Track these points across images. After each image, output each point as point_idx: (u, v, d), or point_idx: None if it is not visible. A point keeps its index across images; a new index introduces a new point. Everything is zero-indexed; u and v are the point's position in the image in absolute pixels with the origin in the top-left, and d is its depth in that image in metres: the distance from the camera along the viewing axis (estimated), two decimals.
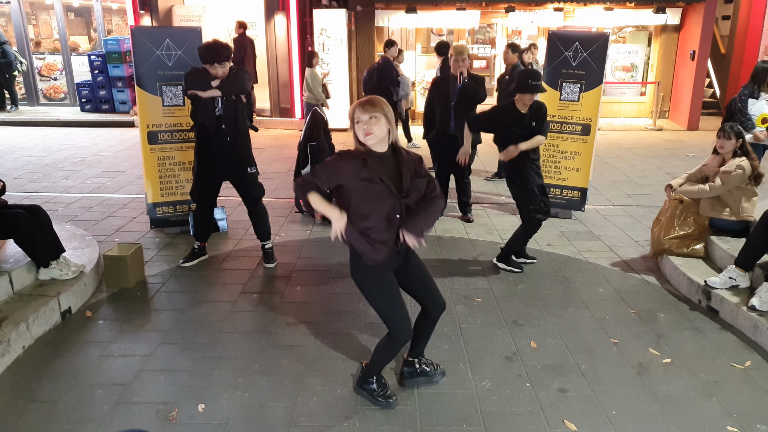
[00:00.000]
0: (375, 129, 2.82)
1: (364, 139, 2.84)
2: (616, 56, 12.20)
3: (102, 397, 3.27)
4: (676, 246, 4.86)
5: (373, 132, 2.82)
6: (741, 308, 3.99)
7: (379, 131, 2.83)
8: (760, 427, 3.03)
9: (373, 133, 2.82)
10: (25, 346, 3.74)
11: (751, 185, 4.69)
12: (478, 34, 12.94)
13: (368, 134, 2.82)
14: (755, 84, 6.71)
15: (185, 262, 5.07)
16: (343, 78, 11.31)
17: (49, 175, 8.04)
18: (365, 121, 2.81)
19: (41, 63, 13.21)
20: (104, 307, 4.36)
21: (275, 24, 11.70)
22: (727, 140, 4.74)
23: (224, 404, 3.21)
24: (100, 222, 6.15)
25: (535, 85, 4.58)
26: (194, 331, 4.00)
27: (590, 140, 6.16)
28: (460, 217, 6.38)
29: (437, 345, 3.80)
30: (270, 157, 9.13)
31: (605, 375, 3.49)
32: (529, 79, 4.57)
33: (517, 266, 5.00)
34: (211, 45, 4.50)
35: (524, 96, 4.62)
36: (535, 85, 4.59)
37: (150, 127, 5.52)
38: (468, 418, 3.10)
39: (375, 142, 2.86)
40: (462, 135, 5.85)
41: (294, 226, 6.07)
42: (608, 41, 5.99)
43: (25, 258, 4.27)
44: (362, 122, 2.82)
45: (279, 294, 4.57)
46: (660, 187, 7.51)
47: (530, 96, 4.64)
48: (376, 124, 2.82)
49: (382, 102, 2.86)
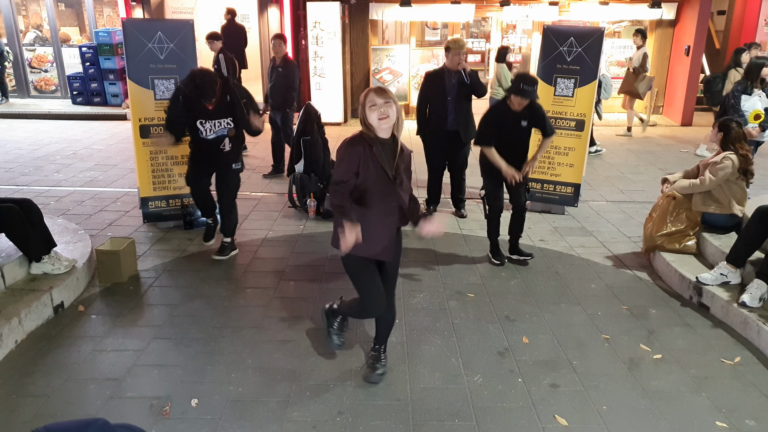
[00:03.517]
0: (390, 112, 2.95)
1: (378, 123, 2.96)
2: (610, 51, 12.20)
3: (95, 392, 3.27)
4: (668, 242, 4.89)
5: (389, 115, 2.95)
6: (732, 304, 4.02)
7: (393, 115, 2.96)
8: (748, 422, 3.06)
9: (388, 116, 2.95)
10: (17, 341, 3.73)
11: (740, 179, 4.71)
12: (472, 28, 12.93)
13: (383, 118, 2.95)
14: (748, 80, 6.74)
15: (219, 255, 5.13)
16: (336, 71, 11.27)
17: (41, 169, 8.00)
18: (380, 104, 2.94)
19: (32, 55, 13.10)
20: (97, 301, 4.35)
21: (268, 17, 11.65)
22: (715, 133, 4.81)
23: (217, 399, 3.21)
24: (93, 216, 6.12)
25: (525, 90, 4.54)
26: (187, 326, 4.00)
27: (584, 136, 6.17)
28: (453, 212, 6.39)
29: (429, 340, 3.82)
30: (263, 151, 9.10)
31: (596, 370, 3.51)
32: (521, 83, 4.56)
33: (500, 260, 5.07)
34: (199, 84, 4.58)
35: (516, 98, 4.63)
36: (526, 90, 4.54)
37: (142, 120, 5.50)
38: (460, 413, 3.12)
39: (387, 126, 2.98)
40: (463, 130, 5.92)
41: (287, 221, 6.07)
42: (603, 36, 5.99)
43: (17, 252, 4.25)
44: (378, 105, 2.94)
45: (272, 289, 4.57)
46: (653, 183, 7.55)
47: (520, 100, 4.62)
48: (390, 108, 2.95)
49: (390, 91, 3.02)
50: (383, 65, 11.88)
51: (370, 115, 2.95)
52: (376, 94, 2.95)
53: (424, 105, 6.11)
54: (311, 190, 6.16)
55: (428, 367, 3.53)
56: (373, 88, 3.02)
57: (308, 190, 6.17)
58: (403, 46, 12.02)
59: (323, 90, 11.35)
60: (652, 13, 11.66)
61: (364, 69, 11.97)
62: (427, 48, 12.31)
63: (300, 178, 6.22)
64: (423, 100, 6.13)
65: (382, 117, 2.93)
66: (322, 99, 11.15)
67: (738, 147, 4.69)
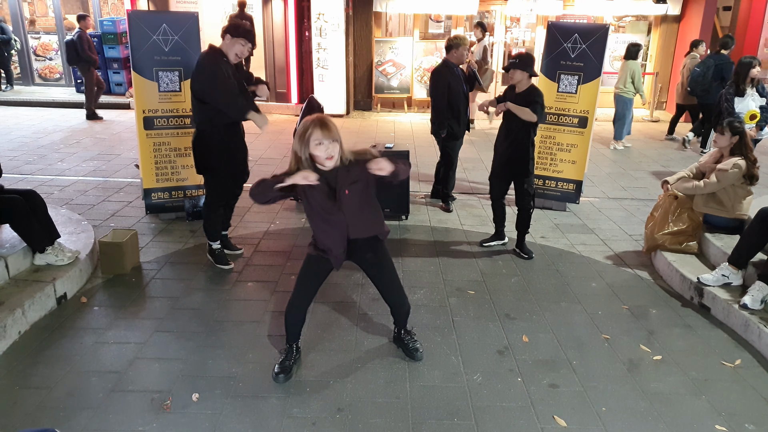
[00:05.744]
0: (335, 152, 2.98)
1: (325, 162, 2.99)
2: (614, 46, 12.14)
3: (97, 385, 3.29)
4: (669, 242, 4.89)
5: (334, 156, 2.98)
6: (733, 306, 4.03)
7: (337, 155, 2.99)
8: (748, 426, 3.07)
9: (334, 156, 2.98)
10: (21, 332, 3.75)
11: (745, 184, 4.70)
12: (476, 21, 12.87)
13: (330, 158, 2.98)
14: (738, 81, 6.73)
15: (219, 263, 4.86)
16: (339, 63, 11.25)
17: (45, 157, 8.01)
18: (327, 144, 2.95)
19: (36, 42, 13.08)
20: (99, 293, 4.37)
21: (272, 8, 11.60)
22: (721, 135, 4.77)
23: (218, 394, 3.23)
24: (96, 206, 6.13)
25: (510, 62, 4.89)
26: (189, 319, 4.02)
27: (587, 133, 6.16)
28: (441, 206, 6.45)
29: (429, 337, 3.83)
30: (265, 143, 9.10)
31: (596, 371, 3.52)
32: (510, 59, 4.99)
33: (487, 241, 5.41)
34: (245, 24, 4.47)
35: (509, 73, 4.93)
36: (510, 62, 4.89)
37: (146, 112, 5.49)
38: (459, 412, 3.13)
39: (332, 164, 3.01)
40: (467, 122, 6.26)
41: (289, 214, 6.07)
42: (608, 33, 5.96)
43: (21, 243, 4.26)
44: (324, 145, 2.94)
45: (273, 283, 4.58)
46: (655, 180, 7.55)
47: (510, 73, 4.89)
48: (335, 148, 2.98)
49: (334, 126, 3.00)
50: (386, 57, 11.85)
51: (316, 150, 2.94)
52: (321, 132, 2.92)
53: (443, 100, 5.91)
54: None
55: (428, 365, 3.55)
56: (316, 121, 2.94)
57: None
58: (406, 39, 11.98)
59: (326, 82, 11.34)
60: (657, 9, 11.61)
61: (367, 61, 11.94)
62: (430, 41, 12.25)
63: None
64: (441, 96, 5.91)
65: (329, 157, 2.96)
66: (325, 91, 11.15)
67: (749, 150, 4.70)
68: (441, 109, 5.95)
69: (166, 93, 5.48)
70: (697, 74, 8.97)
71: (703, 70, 8.90)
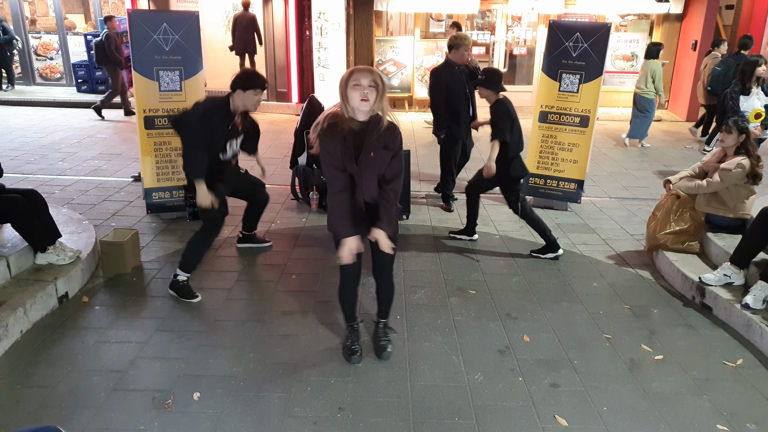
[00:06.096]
0: (371, 97, 2.87)
1: (358, 104, 2.89)
2: (616, 45, 12.13)
3: (98, 384, 3.29)
4: (671, 241, 4.88)
5: (369, 99, 2.87)
6: (735, 306, 4.02)
7: (372, 100, 2.88)
8: (749, 426, 3.07)
9: (369, 100, 2.87)
10: (22, 331, 3.75)
11: (748, 183, 4.69)
12: (477, 20, 12.86)
13: (364, 100, 2.87)
14: (744, 79, 6.72)
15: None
16: (340, 62, 11.23)
17: (46, 157, 8.01)
18: (364, 85, 2.86)
19: (37, 42, 13.09)
20: (101, 292, 4.37)
21: (273, 7, 11.60)
22: (728, 134, 4.75)
23: (219, 393, 3.23)
24: (97, 206, 6.14)
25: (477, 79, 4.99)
26: (190, 318, 4.02)
27: (588, 132, 6.15)
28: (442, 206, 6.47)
29: (430, 337, 3.83)
30: (266, 143, 9.10)
31: (597, 371, 3.52)
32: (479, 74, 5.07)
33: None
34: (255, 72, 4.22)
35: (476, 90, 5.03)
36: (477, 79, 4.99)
37: (147, 112, 5.49)
38: (460, 412, 3.13)
39: (365, 110, 2.91)
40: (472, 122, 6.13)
41: (290, 214, 6.07)
42: (609, 32, 5.95)
43: (23, 242, 4.27)
44: (362, 86, 2.86)
45: (274, 282, 4.58)
46: (657, 180, 7.54)
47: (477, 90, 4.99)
48: (372, 93, 2.87)
49: (378, 74, 2.92)
50: (387, 56, 11.84)
51: (352, 93, 2.87)
52: (362, 74, 2.86)
53: (442, 101, 5.91)
54: (314, 183, 6.16)
55: (429, 364, 3.54)
56: (360, 66, 2.92)
57: (311, 183, 6.17)
58: (407, 38, 11.97)
59: (327, 81, 11.32)
60: (660, 7, 11.58)
61: (368, 60, 11.93)
62: (431, 40, 12.25)
63: (303, 170, 6.22)
64: (439, 96, 5.91)
65: (364, 99, 2.86)
66: (325, 90, 11.13)
67: (752, 149, 4.69)
68: (440, 109, 5.95)
69: (166, 92, 5.48)
70: (718, 73, 8.95)
71: (723, 70, 8.89)
